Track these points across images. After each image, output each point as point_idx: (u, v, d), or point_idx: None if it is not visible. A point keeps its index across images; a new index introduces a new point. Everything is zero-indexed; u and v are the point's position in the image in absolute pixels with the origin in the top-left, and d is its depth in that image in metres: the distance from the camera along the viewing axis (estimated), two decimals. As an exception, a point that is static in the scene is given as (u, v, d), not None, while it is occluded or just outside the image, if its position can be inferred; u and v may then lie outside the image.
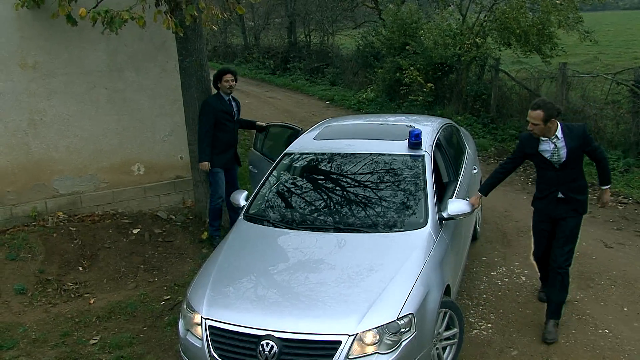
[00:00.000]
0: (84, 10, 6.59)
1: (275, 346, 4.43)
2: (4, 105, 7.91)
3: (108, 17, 6.56)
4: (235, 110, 7.97)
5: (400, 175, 5.92)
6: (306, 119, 16.23)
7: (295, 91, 21.94)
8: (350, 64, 21.24)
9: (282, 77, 25.26)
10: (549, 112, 5.40)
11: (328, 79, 22.54)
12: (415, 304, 4.64)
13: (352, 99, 18.63)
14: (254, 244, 5.53)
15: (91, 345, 6.11)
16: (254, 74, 27.55)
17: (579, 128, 5.64)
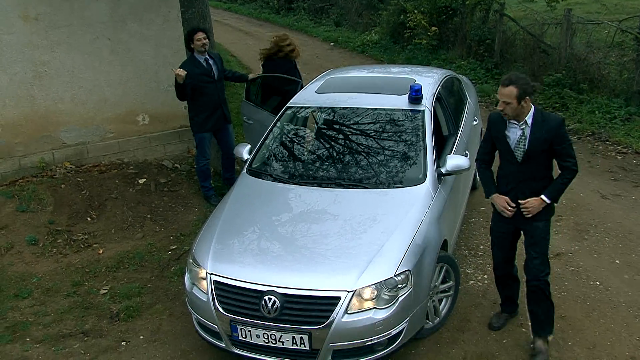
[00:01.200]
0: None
1: (277, 301, 4.63)
2: (8, 58, 7.96)
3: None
4: (215, 69, 7.75)
5: (400, 130, 6.03)
6: (310, 62, 16.18)
7: (299, 32, 21.74)
8: (355, 5, 21.01)
9: (286, 17, 25.02)
10: (523, 89, 4.59)
11: (332, 20, 22.31)
12: (413, 261, 4.82)
13: (356, 40, 18.51)
14: (257, 199, 5.68)
15: (101, 295, 6.36)
16: (257, 13, 27.29)
17: (555, 120, 4.78)
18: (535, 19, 12.86)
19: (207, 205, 7.87)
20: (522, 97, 4.61)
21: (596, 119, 10.42)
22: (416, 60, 15.05)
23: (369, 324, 4.63)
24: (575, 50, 11.77)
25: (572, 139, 9.50)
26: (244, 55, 17.05)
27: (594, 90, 11.18)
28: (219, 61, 7.85)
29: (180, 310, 5.97)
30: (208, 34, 7.71)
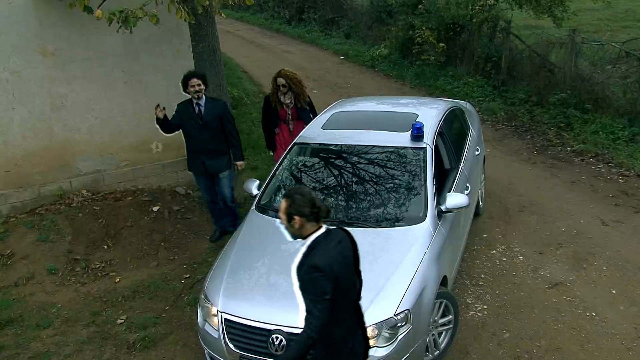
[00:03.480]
0: (99, 12, 6.90)
1: (284, 339, 4.92)
2: (27, 91, 8.31)
3: (123, 17, 6.87)
4: (206, 115, 7.57)
5: (402, 168, 6.30)
6: (320, 78, 16.49)
7: (310, 44, 21.98)
8: (365, 18, 21.21)
9: (297, 28, 25.19)
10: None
11: (343, 32, 22.50)
12: (412, 300, 5.09)
13: (365, 55, 18.69)
14: (264, 237, 5.96)
15: (119, 324, 6.66)
16: (269, 23, 27.50)
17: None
18: (541, 38, 13.03)
19: (218, 233, 8.18)
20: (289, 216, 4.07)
21: (600, 139, 10.62)
22: (424, 77, 15.28)
23: (371, 361, 4.89)
24: (580, 70, 11.95)
25: (575, 161, 9.87)
26: (256, 72, 17.32)
27: (598, 110, 11.37)
28: (218, 110, 7.63)
29: (193, 341, 6.26)
30: (204, 79, 7.57)
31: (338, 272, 3.90)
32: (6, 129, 8.34)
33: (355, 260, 4.21)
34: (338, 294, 3.90)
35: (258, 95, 14.33)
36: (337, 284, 3.88)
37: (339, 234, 4.16)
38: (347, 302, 4.07)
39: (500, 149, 10.89)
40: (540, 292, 6.74)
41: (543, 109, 12.12)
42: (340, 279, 3.92)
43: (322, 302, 3.83)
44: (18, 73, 8.25)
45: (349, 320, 4.10)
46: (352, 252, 4.18)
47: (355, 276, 4.19)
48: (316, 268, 3.83)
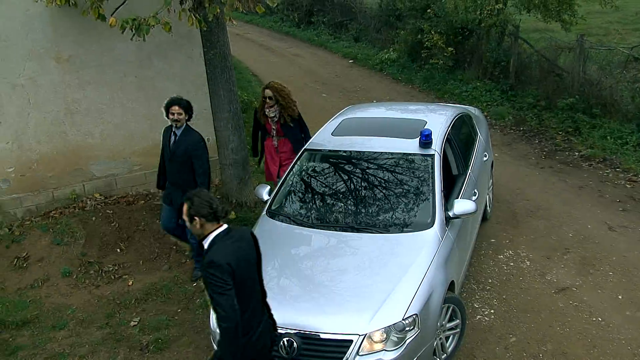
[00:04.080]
0: (113, 19, 7.04)
1: (295, 343, 5.04)
2: (42, 97, 8.47)
3: (136, 25, 7.00)
4: (176, 148, 7.07)
5: (410, 174, 6.41)
6: (330, 82, 16.60)
7: (319, 47, 22.07)
8: (374, 21, 21.31)
9: (306, 31, 25.29)
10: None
11: (352, 35, 22.59)
12: (420, 305, 5.20)
13: (374, 58, 18.77)
14: (275, 242, 6.07)
15: (132, 326, 6.79)
16: (278, 26, 27.63)
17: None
18: (549, 43, 13.10)
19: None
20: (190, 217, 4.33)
21: (608, 144, 10.69)
22: (433, 80, 15.36)
23: (380, 365, 5.01)
24: (588, 75, 12.02)
25: (583, 165, 9.94)
26: (266, 75, 17.40)
27: (606, 114, 11.44)
28: (187, 145, 7.02)
29: (205, 343, 6.38)
30: (184, 107, 7.05)
31: (235, 267, 4.19)
32: (21, 134, 8.49)
33: (258, 259, 4.57)
34: (237, 287, 4.20)
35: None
36: (235, 277, 4.18)
37: (240, 233, 4.50)
38: (246, 295, 4.34)
39: (509, 154, 10.97)
40: (547, 297, 6.83)
41: (551, 114, 12.19)
42: (238, 273, 4.21)
43: (223, 295, 4.11)
44: (33, 79, 8.41)
45: (248, 312, 4.34)
46: (254, 251, 4.53)
47: (256, 273, 4.53)
48: (213, 263, 4.13)
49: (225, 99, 8.53)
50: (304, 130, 8.12)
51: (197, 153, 6.99)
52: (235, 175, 8.73)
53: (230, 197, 8.87)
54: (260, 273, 4.60)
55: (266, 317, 4.60)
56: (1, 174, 8.53)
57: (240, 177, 8.78)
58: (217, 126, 8.67)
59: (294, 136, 8.00)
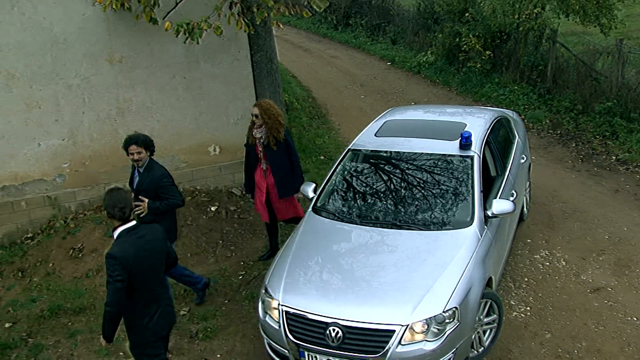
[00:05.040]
0: (168, 24, 7.43)
1: (340, 331, 5.34)
2: (96, 96, 8.89)
3: (189, 28, 7.36)
4: (140, 186, 6.70)
5: (451, 175, 6.65)
6: (368, 84, 16.83)
7: (357, 49, 22.29)
8: (411, 24, 21.48)
9: (344, 33, 25.50)
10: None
11: (389, 37, 22.76)
12: (459, 299, 5.46)
13: (412, 61, 18.92)
14: (320, 238, 6.39)
15: (181, 315, 7.13)
16: (315, 28, 27.90)
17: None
18: (587, 47, 13.20)
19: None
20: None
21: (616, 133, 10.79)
22: (470, 83, 15.51)
23: (420, 355, 5.30)
24: (626, 79, 12.11)
25: (620, 169, 10.05)
26: (305, 76, 17.71)
27: (644, 119, 11.52)
28: (150, 183, 6.66)
29: (251, 332, 6.72)
30: (143, 146, 6.67)
31: (133, 260, 4.79)
32: (76, 131, 8.92)
33: (165, 255, 5.19)
34: (134, 280, 4.84)
35: (307, 100, 14.75)
36: (132, 269, 4.79)
37: (146, 230, 5.04)
38: (145, 283, 4.96)
39: (545, 157, 11.12)
40: (582, 296, 7.02)
41: (588, 118, 12.28)
42: (136, 264, 4.82)
43: (114, 283, 4.76)
44: (88, 79, 8.83)
45: (150, 299, 5.03)
46: (160, 245, 5.10)
47: (159, 265, 5.12)
48: (111, 256, 4.77)
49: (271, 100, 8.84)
50: (291, 158, 7.60)
51: (163, 190, 6.63)
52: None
53: (273, 194, 9.19)
54: (166, 264, 5.26)
55: (165, 304, 5.20)
56: (57, 169, 8.97)
57: (283, 175, 9.08)
58: (262, 125, 8.99)
59: (275, 161, 7.52)
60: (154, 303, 5.10)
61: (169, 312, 5.28)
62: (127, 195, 5.03)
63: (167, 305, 5.27)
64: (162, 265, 5.18)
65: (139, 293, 4.94)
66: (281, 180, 7.52)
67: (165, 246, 5.21)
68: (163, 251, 5.17)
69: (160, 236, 5.14)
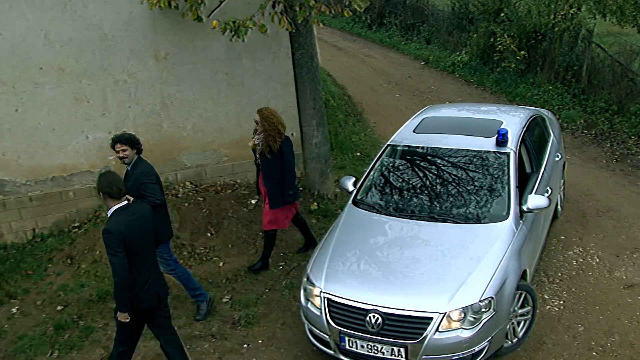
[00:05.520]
0: (215, 22, 7.70)
1: (380, 318, 5.57)
2: (142, 91, 9.22)
3: (235, 27, 7.63)
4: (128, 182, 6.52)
5: (487, 170, 6.84)
6: (403, 83, 17.01)
7: (391, 49, 22.43)
8: (446, 24, 21.57)
9: (378, 33, 25.62)
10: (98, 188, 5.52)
11: (423, 37, 22.85)
12: (495, 289, 5.65)
13: (446, 60, 19.02)
14: (359, 229, 6.63)
15: (224, 303, 7.44)
16: (350, 27, 28.07)
17: None
18: (624, 48, 13.24)
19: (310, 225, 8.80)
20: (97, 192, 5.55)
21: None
22: (505, 83, 15.61)
23: (456, 342, 5.52)
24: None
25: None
26: (340, 75, 17.91)
27: (680, 120, 11.56)
28: (135, 179, 6.73)
29: (291, 320, 6.98)
30: (128, 143, 6.78)
31: (127, 234, 5.33)
32: (122, 125, 9.25)
33: (154, 230, 5.74)
34: (129, 250, 5.37)
35: (343, 98, 14.98)
36: (126, 243, 5.33)
37: (137, 209, 5.61)
38: (138, 256, 5.48)
39: (579, 156, 11.22)
40: (615, 292, 7.15)
41: (623, 118, 12.34)
42: (130, 239, 5.36)
43: (115, 255, 5.31)
44: (134, 75, 9.16)
45: (141, 269, 5.54)
46: (150, 223, 5.65)
47: (149, 240, 5.66)
48: (108, 231, 5.32)
49: (310, 97, 9.13)
50: (284, 168, 7.64)
51: (142, 187, 6.63)
52: (317, 168, 9.34)
53: (312, 189, 9.46)
54: (157, 240, 5.88)
55: (155, 274, 5.74)
56: (103, 161, 9.31)
57: (322, 170, 9.37)
58: (303, 122, 9.30)
59: (266, 169, 7.65)
60: (148, 271, 5.65)
61: (158, 284, 5.78)
62: (119, 177, 5.61)
63: (157, 278, 5.78)
64: (152, 239, 5.73)
65: (131, 264, 5.45)
66: (270, 190, 7.67)
67: (154, 223, 5.76)
68: (152, 227, 5.71)
69: (149, 213, 5.72)
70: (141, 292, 5.57)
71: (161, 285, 5.83)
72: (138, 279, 5.53)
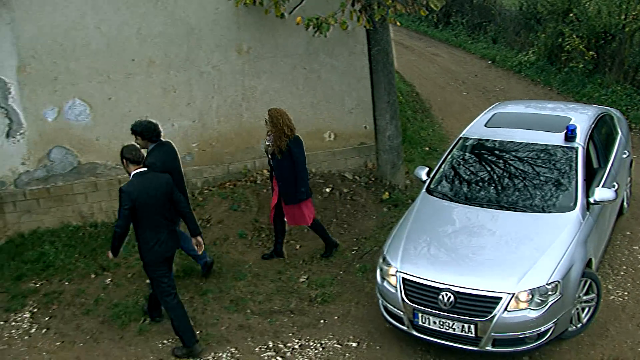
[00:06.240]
0: (299, 18, 8.22)
1: (452, 296, 5.98)
2: (224, 83, 9.82)
3: (318, 23, 8.13)
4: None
5: (555, 164, 7.16)
6: (469, 81, 17.27)
7: (457, 47, 22.61)
8: (513, 24, 21.63)
9: (444, 32, 25.82)
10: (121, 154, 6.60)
11: (490, 36, 22.95)
12: (562, 274, 6.01)
13: (513, 60, 19.14)
14: (432, 215, 7.06)
15: (301, 282, 7.96)
16: (416, 25, 28.32)
17: None
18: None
19: (382, 213, 9.30)
20: (121, 159, 6.62)
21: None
22: (572, 83, 15.68)
23: (523, 321, 5.91)
24: None
25: None
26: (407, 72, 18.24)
27: None
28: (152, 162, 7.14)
29: (365, 300, 7.44)
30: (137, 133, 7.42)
31: (137, 196, 6.34)
32: (206, 114, 9.88)
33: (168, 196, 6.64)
34: (140, 210, 6.41)
35: (411, 95, 15.37)
36: (138, 203, 6.35)
37: (152, 175, 6.59)
38: (152, 215, 6.50)
39: (647, 156, 11.33)
40: (679, 286, 7.39)
41: (695, 119, 12.38)
42: (140, 200, 6.36)
43: (122, 210, 6.37)
44: (218, 67, 9.77)
45: (152, 226, 6.51)
46: (163, 188, 6.57)
47: (161, 202, 6.57)
48: (121, 191, 6.39)
49: (385, 91, 9.57)
50: (294, 168, 7.93)
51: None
52: (389, 160, 9.79)
53: (383, 179, 9.91)
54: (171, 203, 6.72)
55: (169, 232, 6.70)
56: (187, 148, 9.94)
57: (393, 162, 9.82)
58: (377, 115, 9.77)
59: (278, 169, 7.97)
60: (161, 231, 6.59)
61: (173, 239, 6.79)
62: (138, 147, 6.78)
63: (172, 234, 6.78)
64: (165, 202, 6.62)
65: (147, 221, 6.50)
66: (283, 189, 8.02)
67: (169, 189, 6.65)
68: (165, 192, 6.60)
69: (164, 181, 6.64)
70: (158, 246, 6.58)
71: (176, 240, 6.90)
72: (157, 234, 6.56)
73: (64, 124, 9.53)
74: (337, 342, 6.84)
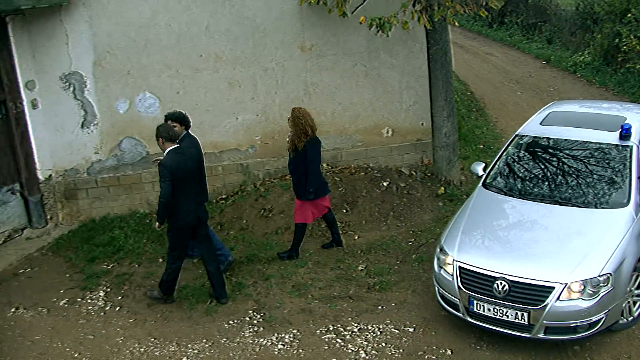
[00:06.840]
0: (362, 18, 8.60)
1: (507, 285, 6.29)
2: (287, 79, 10.27)
3: (380, 23, 8.49)
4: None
5: (609, 162, 7.38)
6: (523, 81, 17.42)
7: (511, 47, 22.71)
8: (568, 24, 21.58)
9: (498, 31, 25.87)
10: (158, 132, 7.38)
11: (545, 36, 22.93)
12: (614, 266, 6.26)
13: (568, 60, 19.16)
14: (488, 208, 7.36)
15: (359, 270, 8.33)
16: (470, 25, 28.40)
17: None
18: None
19: (438, 207, 9.63)
20: (157, 138, 7.38)
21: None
22: (628, 84, 15.70)
23: (575, 310, 6.17)
24: None
25: None
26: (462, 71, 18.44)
27: None
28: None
29: (421, 288, 7.78)
30: (181, 121, 7.98)
31: (175, 169, 7.13)
32: (269, 109, 10.34)
33: (199, 168, 7.72)
34: (177, 181, 7.16)
35: (465, 93, 15.61)
36: (175, 176, 7.12)
37: (185, 150, 7.46)
38: (184, 187, 7.29)
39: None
40: None
41: None
42: (177, 174, 7.14)
43: (165, 182, 7.15)
44: (281, 64, 10.22)
45: (185, 196, 7.33)
46: (195, 162, 7.57)
47: (194, 175, 7.48)
48: (163, 165, 7.19)
49: (443, 89, 9.89)
50: (306, 168, 8.19)
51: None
52: (445, 156, 10.10)
53: (439, 175, 10.23)
54: (200, 176, 7.75)
55: (197, 203, 7.55)
56: (250, 141, 10.45)
57: (449, 158, 10.13)
58: (434, 112, 10.09)
59: (292, 166, 8.35)
60: (190, 201, 7.41)
61: (200, 210, 7.62)
62: (172, 127, 7.59)
63: (200, 205, 7.66)
64: (197, 174, 7.58)
65: (180, 191, 7.25)
66: (295, 185, 8.45)
67: (200, 160, 7.78)
68: (197, 164, 7.65)
69: (196, 152, 7.72)
70: (186, 216, 7.38)
71: (202, 211, 7.69)
72: (183, 204, 7.32)
73: (134, 116, 10.13)
74: (394, 327, 7.18)
